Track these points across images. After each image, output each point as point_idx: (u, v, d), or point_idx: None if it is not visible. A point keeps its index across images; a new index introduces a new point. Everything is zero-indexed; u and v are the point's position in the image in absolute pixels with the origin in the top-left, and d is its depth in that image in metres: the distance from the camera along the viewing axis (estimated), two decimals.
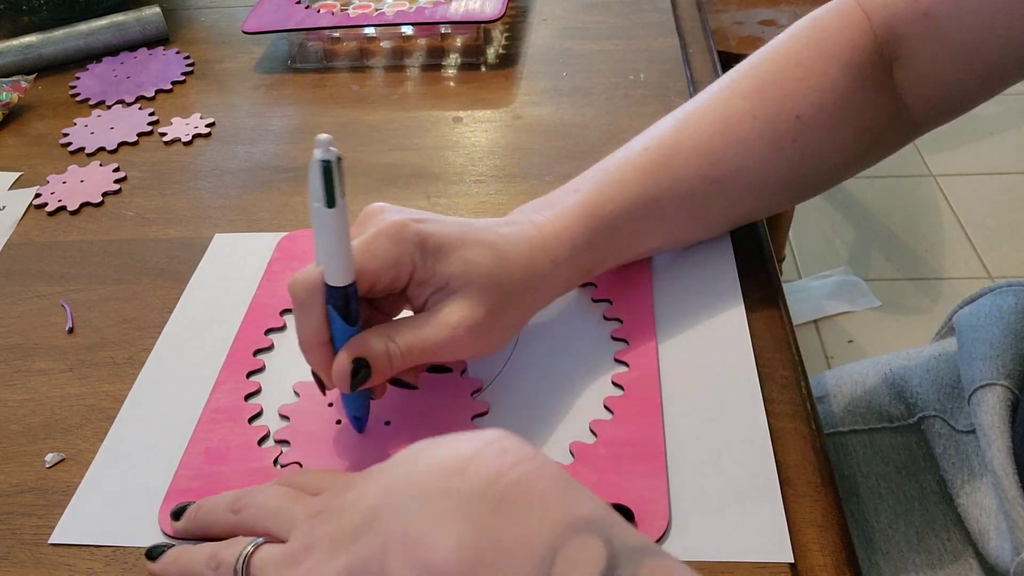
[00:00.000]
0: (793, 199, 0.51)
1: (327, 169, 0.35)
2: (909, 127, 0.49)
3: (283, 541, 0.35)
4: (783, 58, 0.48)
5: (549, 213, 0.45)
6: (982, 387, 0.51)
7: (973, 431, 0.53)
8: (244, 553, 0.35)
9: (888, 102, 0.48)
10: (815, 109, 0.46)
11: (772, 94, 0.47)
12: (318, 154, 0.35)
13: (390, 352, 0.39)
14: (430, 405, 0.44)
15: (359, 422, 0.43)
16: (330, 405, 0.45)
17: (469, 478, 0.29)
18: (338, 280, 0.38)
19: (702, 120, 0.47)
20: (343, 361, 0.39)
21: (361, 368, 0.39)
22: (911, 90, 0.48)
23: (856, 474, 0.57)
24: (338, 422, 0.44)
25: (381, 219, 0.40)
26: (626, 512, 0.38)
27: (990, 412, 0.50)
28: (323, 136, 0.35)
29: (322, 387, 0.42)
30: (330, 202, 0.36)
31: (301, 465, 0.43)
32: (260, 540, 0.36)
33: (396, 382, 0.42)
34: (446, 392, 0.45)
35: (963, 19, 0.45)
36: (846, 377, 0.62)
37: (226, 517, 0.38)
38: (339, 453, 0.43)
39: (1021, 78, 0.47)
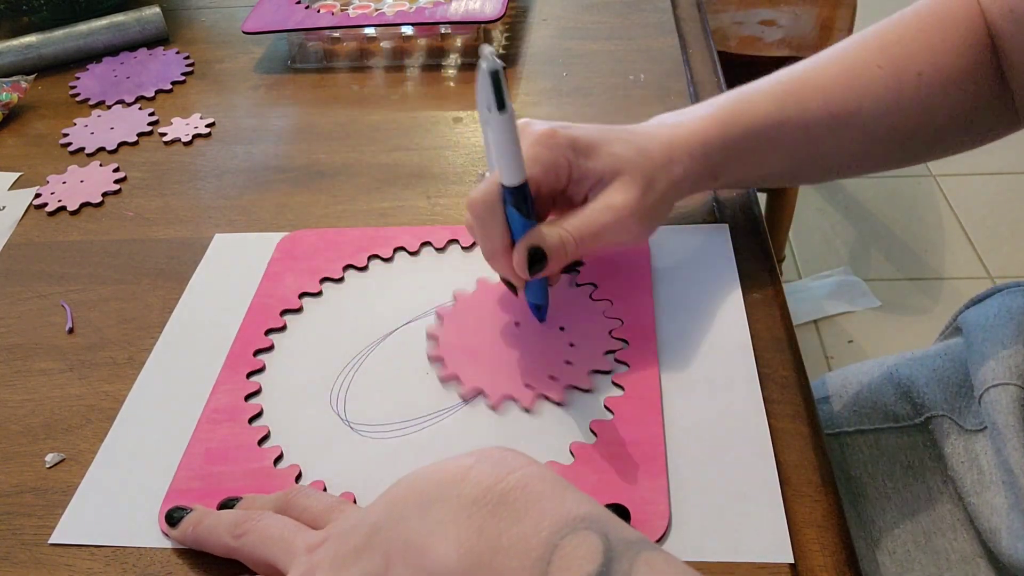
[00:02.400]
0: (900, 157, 0.53)
1: (496, 77, 0.38)
2: (1012, 114, 0.51)
3: (281, 572, 0.35)
4: (908, 24, 0.50)
5: (682, 118, 0.49)
6: (994, 386, 0.52)
7: (982, 430, 0.53)
8: None
9: (996, 83, 0.50)
10: (935, 69, 0.49)
11: (897, 51, 0.49)
12: (486, 64, 0.38)
13: (563, 239, 0.43)
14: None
15: (540, 310, 0.47)
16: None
17: (468, 485, 0.30)
18: (515, 178, 0.42)
19: (830, 64, 0.51)
20: (521, 250, 0.43)
21: (538, 255, 0.43)
22: (1012, 81, 0.50)
23: (862, 474, 0.57)
24: (516, 324, 0.48)
25: (531, 131, 0.45)
26: (622, 511, 0.38)
27: (1004, 411, 0.50)
28: (487, 47, 0.38)
29: (514, 289, 0.47)
30: (501, 106, 0.39)
31: (301, 473, 0.43)
32: None
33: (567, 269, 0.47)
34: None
35: None
36: (851, 377, 0.62)
37: (225, 540, 0.37)
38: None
39: None
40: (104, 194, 0.63)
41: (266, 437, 0.44)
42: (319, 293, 0.52)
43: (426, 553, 0.29)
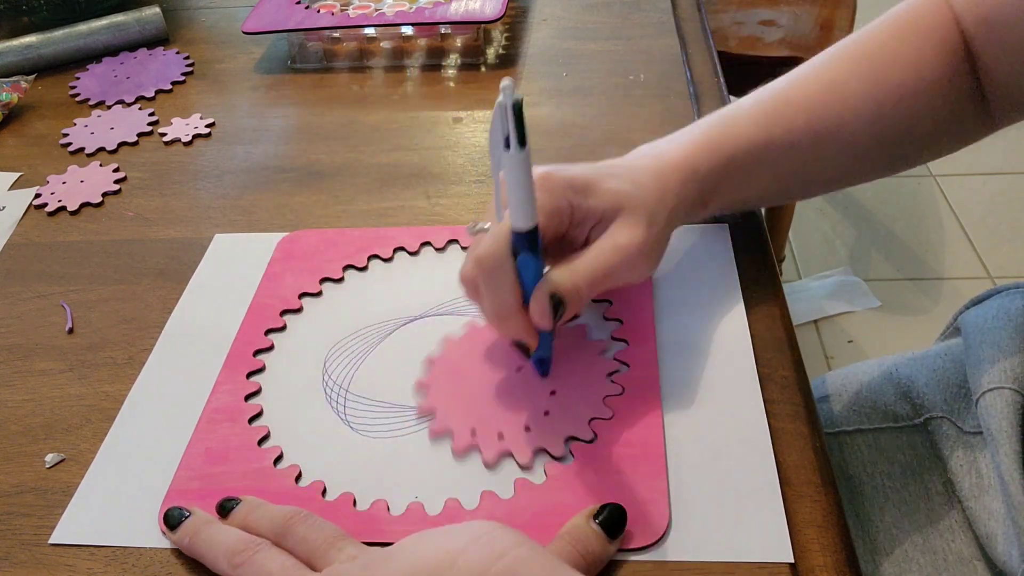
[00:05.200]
0: (885, 167, 0.53)
1: (519, 109, 0.36)
2: (989, 118, 0.51)
3: None
4: (883, 34, 0.50)
5: (668, 146, 0.48)
6: (990, 391, 0.51)
7: (981, 432, 0.53)
8: None
9: (973, 89, 0.50)
10: (915, 78, 0.49)
11: (875, 62, 0.49)
12: (506, 97, 0.36)
13: (576, 284, 0.42)
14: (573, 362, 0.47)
15: (544, 365, 0.45)
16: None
17: (456, 572, 0.30)
18: (529, 220, 0.39)
19: (810, 80, 0.50)
20: (542, 299, 0.41)
21: (558, 303, 0.41)
22: (985, 85, 0.50)
23: (861, 474, 0.57)
24: (518, 369, 0.46)
25: None
26: (620, 511, 0.38)
27: (998, 416, 0.50)
28: (507, 80, 0.36)
29: (526, 351, 0.44)
30: (522, 141, 0.37)
31: (301, 473, 0.43)
32: None
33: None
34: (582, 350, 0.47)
35: (1018, 24, 0.46)
36: (851, 377, 0.62)
37: (221, 566, 0.37)
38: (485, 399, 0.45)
39: None
40: (104, 194, 0.63)
41: (266, 437, 0.44)
42: (319, 293, 0.52)
43: None
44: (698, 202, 0.48)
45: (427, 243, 0.55)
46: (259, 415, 0.45)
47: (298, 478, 0.42)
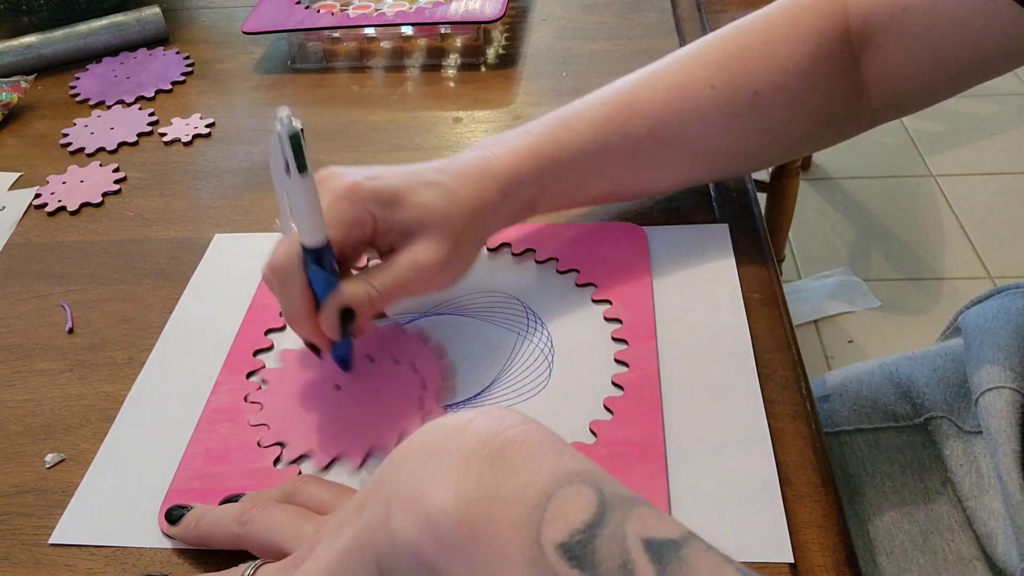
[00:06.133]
0: (739, 170, 0.53)
1: (296, 140, 0.38)
2: (866, 117, 0.51)
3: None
4: (752, 35, 0.49)
5: (499, 150, 0.47)
6: (990, 390, 0.51)
7: (981, 432, 0.53)
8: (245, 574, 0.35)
9: (849, 91, 0.49)
10: (774, 88, 0.48)
11: (734, 67, 0.48)
12: (281, 127, 0.37)
13: (370, 295, 0.43)
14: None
15: (345, 363, 0.46)
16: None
17: (467, 437, 0.30)
18: (316, 239, 0.41)
19: (659, 83, 0.49)
20: (331, 311, 0.42)
21: (348, 315, 0.42)
22: (875, 82, 0.49)
23: (861, 473, 0.57)
24: (337, 387, 0.46)
25: (334, 184, 0.44)
26: None
27: (998, 416, 0.50)
28: (283, 110, 0.37)
29: (317, 352, 0.46)
30: (303, 168, 0.39)
31: (301, 474, 0.43)
32: (259, 562, 0.36)
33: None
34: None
35: (938, 16, 0.45)
36: (851, 376, 0.62)
37: (231, 529, 0.38)
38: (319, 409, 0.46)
39: (983, 80, 0.48)
40: (104, 194, 0.63)
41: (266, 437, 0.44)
42: None
43: (425, 498, 0.29)
44: (522, 208, 0.48)
45: None
46: (259, 415, 0.45)
47: None
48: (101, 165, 0.66)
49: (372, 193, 0.43)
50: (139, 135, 0.70)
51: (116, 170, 0.66)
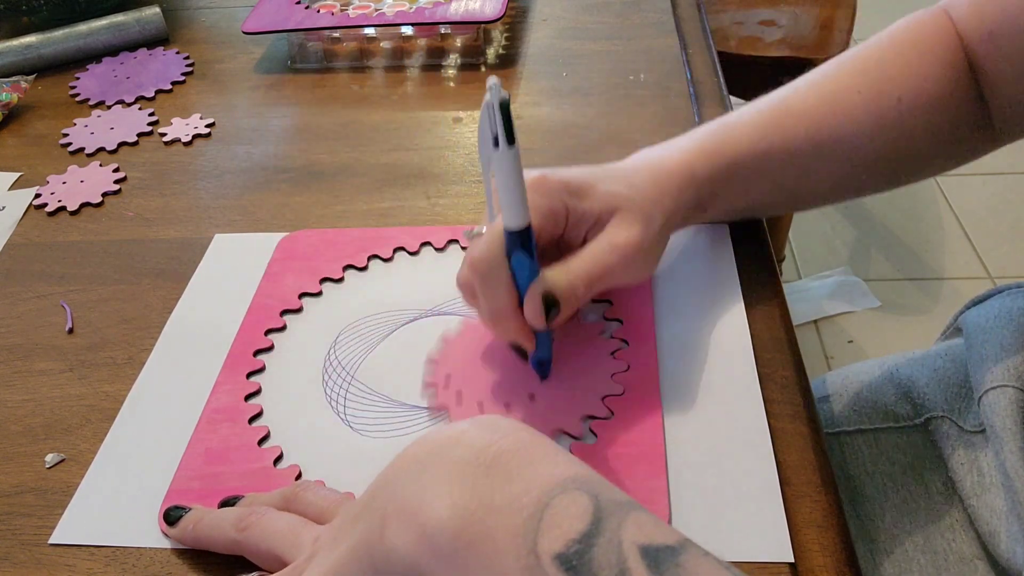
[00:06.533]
0: (885, 181, 0.53)
1: (506, 108, 0.36)
2: (991, 134, 0.51)
3: (287, 564, 0.35)
4: (882, 48, 0.50)
5: (666, 151, 0.48)
6: (993, 389, 0.52)
7: (982, 431, 0.53)
8: None
9: (976, 105, 0.50)
10: (915, 93, 0.48)
11: (876, 75, 0.49)
12: (495, 95, 0.36)
13: (572, 283, 0.41)
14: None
15: (544, 367, 0.45)
16: None
17: (461, 448, 0.31)
18: (521, 219, 0.39)
19: (809, 92, 0.50)
20: (535, 298, 0.41)
21: (552, 304, 0.41)
22: (990, 100, 0.50)
23: (861, 473, 0.57)
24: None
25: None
26: None
27: (1002, 414, 0.50)
28: (493, 79, 0.36)
29: (523, 354, 0.45)
30: (511, 140, 0.37)
31: (301, 473, 0.43)
32: (256, 573, 0.36)
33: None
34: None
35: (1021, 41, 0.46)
36: (851, 377, 0.62)
37: (229, 534, 0.38)
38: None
39: None
40: (104, 194, 0.63)
41: (266, 437, 0.44)
42: (319, 293, 0.52)
43: (420, 511, 0.29)
44: (696, 207, 0.48)
45: (427, 243, 0.55)
46: (259, 415, 0.45)
47: (298, 478, 0.42)
48: (101, 165, 0.66)
49: (561, 183, 0.43)
50: (139, 135, 0.70)
51: (116, 170, 0.66)
